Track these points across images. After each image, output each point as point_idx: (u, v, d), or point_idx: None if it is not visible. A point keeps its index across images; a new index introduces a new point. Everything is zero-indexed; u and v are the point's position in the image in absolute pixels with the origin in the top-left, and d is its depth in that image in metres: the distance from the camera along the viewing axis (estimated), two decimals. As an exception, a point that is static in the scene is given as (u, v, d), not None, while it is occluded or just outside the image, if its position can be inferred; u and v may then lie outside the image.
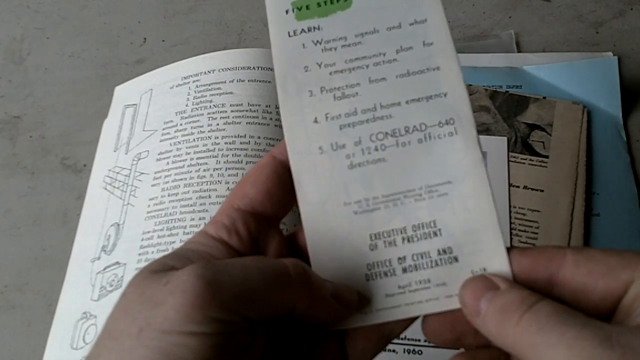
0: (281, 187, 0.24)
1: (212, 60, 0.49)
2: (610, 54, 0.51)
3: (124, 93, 0.52)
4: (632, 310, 0.20)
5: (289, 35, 0.25)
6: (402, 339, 0.40)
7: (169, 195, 0.43)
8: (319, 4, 0.26)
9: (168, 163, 0.45)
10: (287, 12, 0.26)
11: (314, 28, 0.25)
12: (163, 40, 0.56)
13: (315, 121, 0.24)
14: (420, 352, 0.39)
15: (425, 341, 0.39)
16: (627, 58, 0.52)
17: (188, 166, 0.44)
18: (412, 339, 0.39)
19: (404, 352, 0.39)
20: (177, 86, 0.49)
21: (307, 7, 0.26)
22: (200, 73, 0.49)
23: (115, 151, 0.48)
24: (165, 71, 0.51)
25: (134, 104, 0.50)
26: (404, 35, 0.25)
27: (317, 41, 0.25)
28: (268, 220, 0.24)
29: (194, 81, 0.49)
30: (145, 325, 0.18)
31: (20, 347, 0.42)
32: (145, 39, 0.57)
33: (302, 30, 0.25)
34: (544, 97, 0.48)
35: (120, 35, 0.57)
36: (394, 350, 0.39)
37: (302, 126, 0.24)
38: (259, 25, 0.57)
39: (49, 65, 0.55)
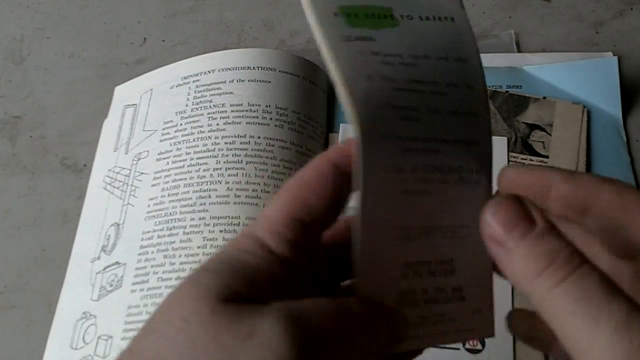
0: (343, 200, 0.22)
1: (212, 60, 0.49)
2: (610, 54, 0.51)
3: (124, 93, 0.52)
4: None
5: (344, 40, 0.22)
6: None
7: (169, 195, 0.43)
8: (366, 15, 0.23)
9: (168, 163, 0.45)
10: (335, 14, 0.23)
11: (368, 38, 0.23)
12: (163, 40, 0.56)
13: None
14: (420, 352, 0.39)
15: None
16: (627, 58, 0.51)
17: (188, 166, 0.44)
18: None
19: (404, 352, 0.39)
20: (177, 86, 0.49)
21: (356, 16, 0.23)
22: (200, 73, 0.49)
23: (115, 151, 0.48)
24: (165, 71, 0.51)
25: (134, 104, 0.50)
26: (452, 70, 0.23)
27: (375, 52, 0.22)
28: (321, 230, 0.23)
29: (194, 81, 0.49)
30: None
31: (20, 347, 0.42)
32: (145, 39, 0.57)
33: (357, 38, 0.23)
34: (544, 97, 0.48)
35: (120, 35, 0.57)
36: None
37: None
38: (259, 25, 0.57)
39: (49, 65, 0.55)
